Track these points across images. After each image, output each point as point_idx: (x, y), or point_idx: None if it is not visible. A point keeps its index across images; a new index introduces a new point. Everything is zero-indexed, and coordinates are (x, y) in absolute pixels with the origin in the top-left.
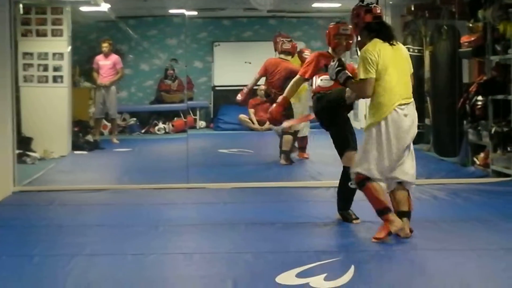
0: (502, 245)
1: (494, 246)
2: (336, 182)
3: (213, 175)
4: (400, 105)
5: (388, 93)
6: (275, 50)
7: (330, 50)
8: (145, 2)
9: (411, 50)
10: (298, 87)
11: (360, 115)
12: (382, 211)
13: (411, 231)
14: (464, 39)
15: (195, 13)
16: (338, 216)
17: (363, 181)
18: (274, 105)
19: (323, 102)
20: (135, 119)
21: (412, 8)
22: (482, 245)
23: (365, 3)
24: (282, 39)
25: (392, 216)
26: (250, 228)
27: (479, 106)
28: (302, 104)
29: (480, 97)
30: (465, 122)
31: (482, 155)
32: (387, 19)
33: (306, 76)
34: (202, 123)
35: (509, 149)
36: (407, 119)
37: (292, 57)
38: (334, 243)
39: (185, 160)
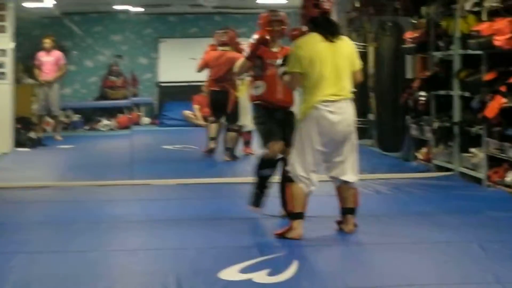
0: (443, 239)
1: (435, 239)
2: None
3: (158, 172)
4: (326, 101)
5: (313, 89)
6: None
7: None
8: None
9: (355, 46)
10: (246, 68)
11: None
12: (292, 215)
13: (355, 225)
14: (408, 35)
15: (140, 9)
16: (283, 211)
17: (289, 179)
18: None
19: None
20: (79, 115)
21: (357, 5)
22: (423, 239)
23: None
24: (217, 32)
25: (296, 224)
26: (194, 224)
27: (422, 102)
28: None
29: (422, 93)
30: (408, 117)
31: (424, 150)
32: (332, 15)
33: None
34: (146, 120)
35: (450, 144)
36: (332, 116)
37: (231, 47)
38: (277, 238)
39: (129, 156)
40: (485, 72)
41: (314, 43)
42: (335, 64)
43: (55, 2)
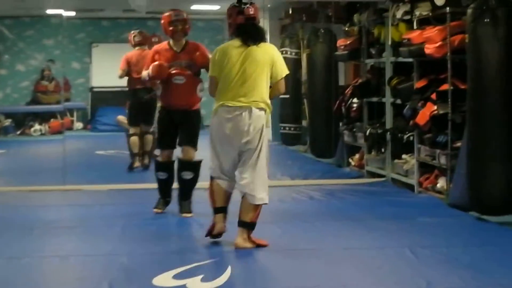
0: (375, 244)
1: (368, 244)
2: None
3: (90, 177)
4: (226, 107)
5: (220, 93)
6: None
7: (170, 41)
8: (22, 2)
9: (288, 53)
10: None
11: None
12: (213, 210)
13: (250, 241)
14: (340, 42)
15: (73, 13)
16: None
17: (211, 177)
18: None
19: None
20: (10, 120)
21: (290, 12)
22: (356, 244)
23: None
24: (132, 32)
25: (217, 219)
26: (127, 230)
27: (354, 108)
28: None
29: (355, 99)
30: (341, 124)
31: (357, 156)
32: (265, 22)
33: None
34: (79, 125)
35: (383, 150)
36: (228, 123)
37: (147, 47)
38: (211, 243)
39: (62, 162)
40: (416, 80)
41: (229, 48)
42: (244, 70)
43: None
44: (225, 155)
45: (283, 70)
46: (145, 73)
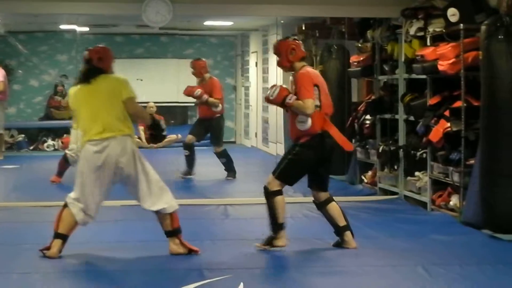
0: (388, 262)
1: (381, 262)
2: (225, 200)
3: None
4: (92, 141)
5: (82, 130)
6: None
7: None
8: (36, 18)
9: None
10: None
11: (250, 133)
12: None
13: (183, 247)
14: (353, 58)
15: (86, 29)
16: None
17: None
18: None
19: None
20: (23, 135)
21: (303, 28)
22: (369, 262)
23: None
24: None
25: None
26: (139, 246)
27: (367, 125)
28: None
29: (368, 116)
30: (353, 140)
31: (369, 173)
32: (278, 38)
33: None
34: None
35: (395, 167)
36: (99, 155)
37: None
38: (222, 260)
39: (74, 177)
40: (429, 97)
41: (76, 91)
42: (94, 104)
43: (0, 21)
44: (87, 186)
45: (127, 91)
46: None
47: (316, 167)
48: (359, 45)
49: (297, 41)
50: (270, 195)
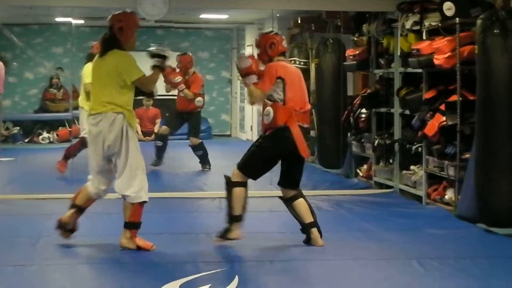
0: (383, 255)
1: (376, 256)
2: (220, 193)
3: None
4: (90, 115)
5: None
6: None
7: None
8: (31, 10)
9: (297, 62)
10: None
11: (246, 126)
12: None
13: (132, 242)
14: (349, 52)
15: (82, 21)
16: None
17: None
18: None
19: None
20: (18, 128)
21: (299, 21)
22: (364, 255)
23: None
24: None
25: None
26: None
27: (363, 119)
28: None
29: (363, 110)
30: (349, 134)
31: (365, 167)
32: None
33: None
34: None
35: (391, 161)
36: (94, 128)
37: None
38: (218, 253)
39: (70, 169)
40: (425, 91)
41: (93, 61)
42: (99, 79)
43: None
44: (92, 157)
45: (133, 71)
46: None
47: (282, 163)
48: (355, 38)
49: (278, 36)
50: (229, 185)
